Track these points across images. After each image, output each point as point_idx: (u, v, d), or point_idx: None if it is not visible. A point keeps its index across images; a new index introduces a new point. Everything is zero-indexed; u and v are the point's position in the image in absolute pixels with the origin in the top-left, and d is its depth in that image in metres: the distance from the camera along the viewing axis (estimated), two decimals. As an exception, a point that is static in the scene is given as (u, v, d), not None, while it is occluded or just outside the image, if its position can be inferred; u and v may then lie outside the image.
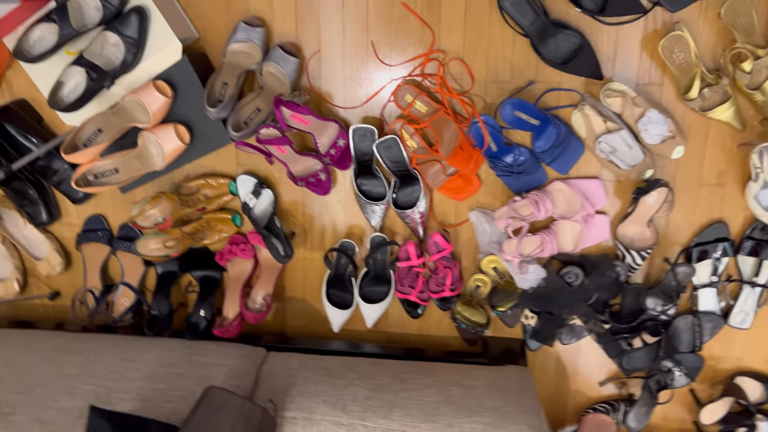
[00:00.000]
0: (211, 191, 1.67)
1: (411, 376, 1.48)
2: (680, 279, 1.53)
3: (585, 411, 1.73)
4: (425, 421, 1.34)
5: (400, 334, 1.78)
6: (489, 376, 1.49)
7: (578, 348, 1.71)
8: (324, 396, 1.41)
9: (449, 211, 1.64)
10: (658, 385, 1.64)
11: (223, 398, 1.24)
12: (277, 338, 1.82)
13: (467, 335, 1.71)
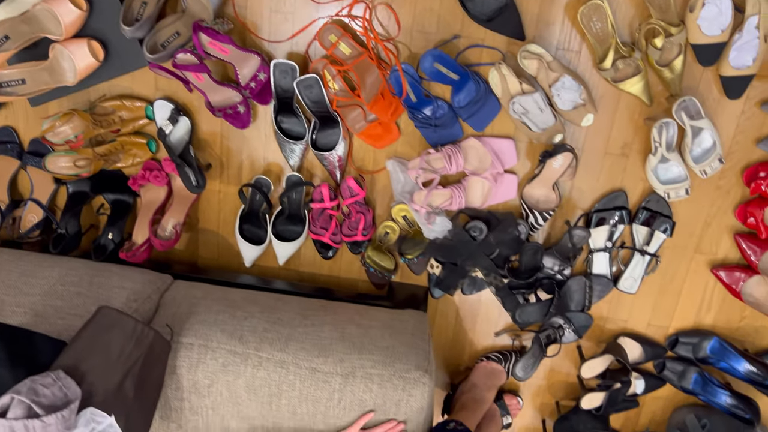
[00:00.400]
0: (127, 114, 1.64)
1: (312, 313, 1.52)
2: (576, 241, 1.61)
3: (479, 359, 1.83)
4: (318, 355, 1.39)
5: (311, 273, 1.81)
6: (386, 318, 1.54)
7: (478, 299, 1.79)
8: (223, 325, 1.43)
9: (367, 158, 1.66)
10: (548, 339, 1.74)
11: (115, 318, 1.25)
12: (189, 268, 1.83)
13: (375, 279, 1.76)
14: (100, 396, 1.19)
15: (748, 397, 1.70)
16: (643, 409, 1.86)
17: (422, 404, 1.38)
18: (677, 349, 1.74)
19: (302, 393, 1.36)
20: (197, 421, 1.42)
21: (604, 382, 1.72)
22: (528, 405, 1.90)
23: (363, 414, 1.37)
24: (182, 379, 1.38)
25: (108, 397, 1.20)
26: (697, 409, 1.79)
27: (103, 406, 1.18)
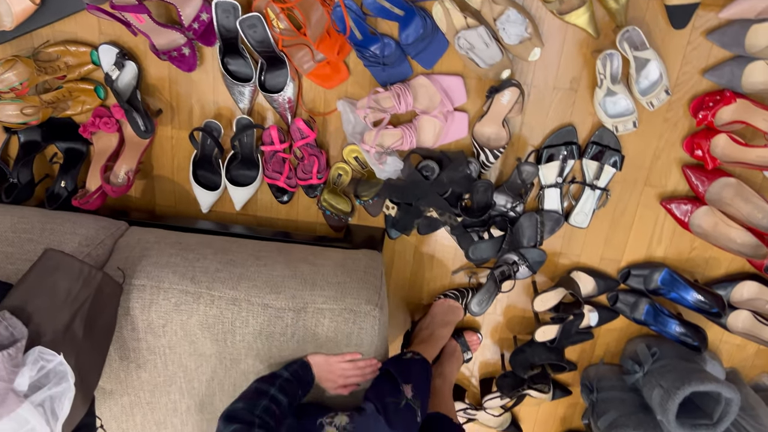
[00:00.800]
0: (73, 59, 1.61)
1: (265, 254, 1.54)
2: (525, 177, 1.63)
3: (437, 296, 1.86)
4: (269, 292, 1.41)
5: (268, 218, 1.82)
6: (340, 257, 1.56)
7: (434, 238, 1.81)
8: (175, 267, 1.45)
9: (318, 99, 1.65)
10: (503, 275, 1.77)
11: (60, 260, 1.26)
12: (147, 216, 1.84)
13: (332, 222, 1.78)
14: (48, 336, 1.21)
15: (697, 325, 1.75)
16: (597, 340, 1.91)
17: (373, 337, 1.41)
18: (629, 281, 1.79)
19: (255, 329, 1.39)
20: (155, 361, 1.46)
21: (557, 315, 1.77)
22: (487, 340, 1.95)
23: (351, 353, 1.41)
24: (137, 320, 1.41)
25: (56, 336, 1.22)
26: (649, 339, 1.85)
27: (52, 346, 1.20)
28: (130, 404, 1.53)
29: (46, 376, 1.19)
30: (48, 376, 1.19)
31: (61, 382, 1.19)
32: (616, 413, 1.73)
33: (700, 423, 1.63)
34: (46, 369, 1.19)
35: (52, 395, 1.18)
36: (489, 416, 1.99)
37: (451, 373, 1.82)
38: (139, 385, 1.49)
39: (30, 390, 1.16)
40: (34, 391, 1.16)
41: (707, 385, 1.57)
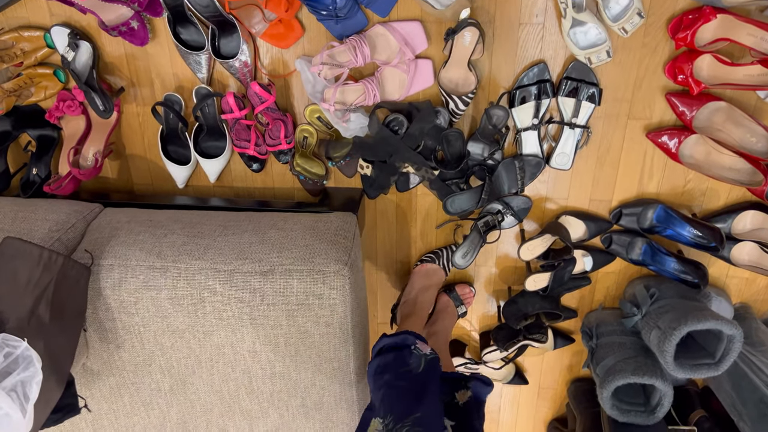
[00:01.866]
0: (28, 45, 1.60)
1: (234, 224, 1.52)
2: (495, 122, 1.55)
3: (414, 265, 1.83)
4: (236, 258, 1.40)
5: (245, 188, 1.80)
6: (311, 221, 1.53)
7: (414, 195, 1.76)
8: (141, 244, 1.44)
9: (277, 61, 1.60)
10: (487, 226, 1.71)
11: (19, 247, 1.26)
12: (127, 196, 1.83)
13: (308, 187, 1.74)
14: (12, 322, 1.22)
15: (696, 261, 1.66)
16: (596, 285, 1.84)
17: (344, 296, 1.39)
18: (622, 221, 1.71)
19: (224, 296, 1.38)
20: (132, 340, 1.46)
21: (546, 263, 1.71)
22: (482, 293, 1.90)
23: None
24: (109, 300, 1.41)
25: (21, 323, 1.22)
26: (649, 280, 1.77)
27: (17, 332, 1.20)
28: (117, 385, 1.54)
29: (15, 362, 1.20)
30: (17, 361, 1.20)
31: (29, 367, 1.20)
32: (614, 358, 1.67)
33: (701, 363, 1.56)
34: (14, 355, 1.20)
35: (22, 380, 1.19)
36: (491, 369, 1.95)
37: (446, 329, 1.78)
38: (121, 366, 1.51)
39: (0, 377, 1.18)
40: (4, 377, 1.18)
41: (705, 323, 1.49)
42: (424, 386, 1.23)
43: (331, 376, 1.50)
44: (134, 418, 1.60)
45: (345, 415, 1.57)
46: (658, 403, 1.64)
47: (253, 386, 1.52)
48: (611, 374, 1.62)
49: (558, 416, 2.11)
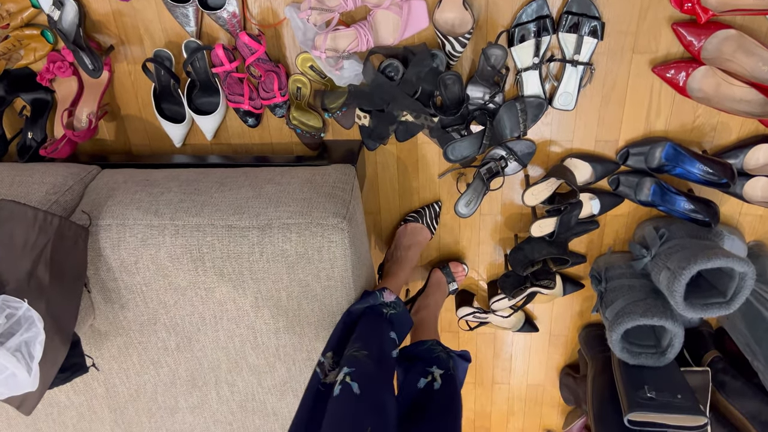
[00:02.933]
0: (13, 6, 1.56)
1: (231, 180, 1.50)
2: (494, 63, 1.49)
3: (398, 224, 1.81)
4: (233, 213, 1.38)
5: (243, 144, 1.77)
6: (308, 174, 1.50)
7: (415, 144, 1.72)
8: (139, 203, 1.43)
9: (266, 10, 1.55)
10: (490, 173, 1.67)
11: (13, 209, 1.26)
12: (125, 157, 1.82)
13: (306, 140, 1.71)
14: (12, 284, 1.22)
15: (707, 199, 1.62)
16: (605, 229, 1.80)
17: (344, 250, 1.37)
18: (630, 161, 1.65)
19: (223, 252, 1.37)
20: (135, 300, 1.46)
21: (552, 207, 1.67)
22: (488, 242, 1.87)
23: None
24: (109, 260, 1.41)
25: (20, 285, 1.23)
26: (658, 221, 1.73)
27: (17, 293, 1.21)
28: (124, 344, 1.55)
29: (18, 323, 1.20)
30: (19, 322, 1.21)
31: (31, 327, 1.21)
32: (624, 301, 1.64)
33: (712, 302, 1.53)
34: (16, 316, 1.20)
35: (26, 340, 1.20)
36: (500, 318, 1.94)
37: (436, 304, 1.79)
38: (127, 325, 1.51)
39: (3, 337, 1.18)
40: (8, 338, 1.19)
41: (715, 261, 1.45)
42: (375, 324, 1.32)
43: (336, 329, 1.49)
44: (144, 376, 1.61)
45: (352, 366, 1.56)
46: (668, 345, 1.61)
47: (259, 341, 1.52)
48: (620, 317, 1.60)
49: (570, 362, 2.10)
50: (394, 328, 1.37)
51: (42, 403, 1.68)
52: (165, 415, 1.70)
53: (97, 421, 1.72)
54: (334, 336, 1.33)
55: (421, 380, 1.30)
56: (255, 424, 1.70)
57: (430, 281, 1.83)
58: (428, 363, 1.36)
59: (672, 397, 1.57)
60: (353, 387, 1.11)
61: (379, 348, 1.27)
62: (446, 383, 1.30)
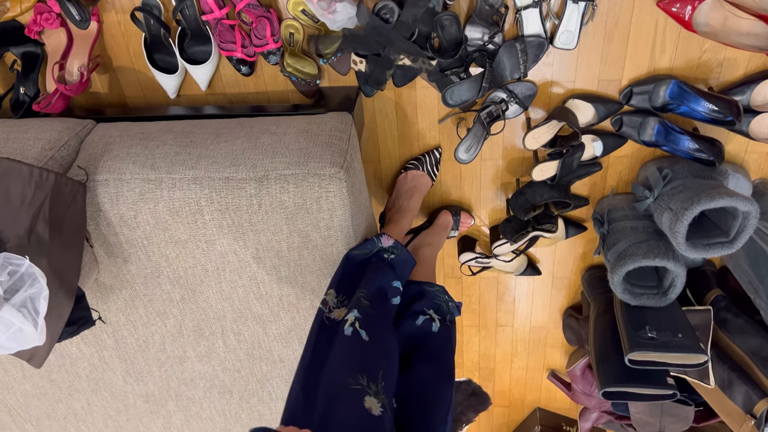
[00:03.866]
0: (-6, -44, 1.52)
1: (227, 131, 1.48)
2: (492, 1, 1.44)
3: (399, 172, 1.79)
4: (229, 165, 1.37)
5: (238, 94, 1.74)
6: (304, 123, 1.48)
7: (413, 88, 1.68)
8: (135, 157, 1.42)
9: (256, -48, 1.50)
10: (490, 116, 1.64)
11: (8, 167, 1.25)
12: (121, 110, 1.80)
13: (302, 88, 1.68)
14: (13, 242, 1.23)
15: (712, 138, 1.59)
16: (607, 171, 1.78)
17: (342, 199, 1.36)
18: (633, 101, 1.62)
19: (221, 205, 1.37)
20: (138, 253, 1.47)
21: (553, 150, 1.64)
22: (489, 187, 1.86)
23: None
24: (109, 215, 1.41)
25: (21, 242, 1.23)
26: (662, 161, 1.70)
27: (18, 251, 1.22)
28: (130, 297, 1.57)
29: (21, 280, 1.22)
30: (22, 279, 1.22)
31: (34, 283, 1.22)
32: (626, 243, 1.63)
33: (714, 242, 1.52)
34: (19, 273, 1.21)
35: (30, 296, 1.21)
36: (502, 262, 1.94)
37: (438, 244, 1.80)
38: (131, 279, 1.53)
39: (8, 294, 1.20)
40: (12, 294, 1.20)
41: (718, 200, 1.43)
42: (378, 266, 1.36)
43: (337, 278, 1.50)
44: (152, 328, 1.64)
45: (355, 313, 1.58)
46: (670, 285, 1.62)
47: (262, 291, 1.53)
48: (622, 259, 1.59)
49: (573, 304, 2.12)
50: (396, 273, 1.38)
51: (54, 355, 1.73)
52: (174, 364, 1.73)
53: (109, 371, 1.76)
54: (336, 277, 1.37)
55: (420, 318, 1.34)
56: (262, 370, 1.73)
57: (438, 222, 1.82)
58: (429, 306, 1.38)
59: (673, 336, 1.58)
60: (362, 334, 1.16)
61: (382, 296, 1.30)
62: (444, 328, 1.33)
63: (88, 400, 1.86)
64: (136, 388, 1.81)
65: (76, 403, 1.87)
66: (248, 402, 1.82)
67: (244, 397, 1.81)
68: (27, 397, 1.87)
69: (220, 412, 1.86)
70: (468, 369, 2.33)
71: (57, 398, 1.86)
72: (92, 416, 1.91)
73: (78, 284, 1.38)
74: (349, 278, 1.35)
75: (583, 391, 2.17)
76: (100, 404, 1.87)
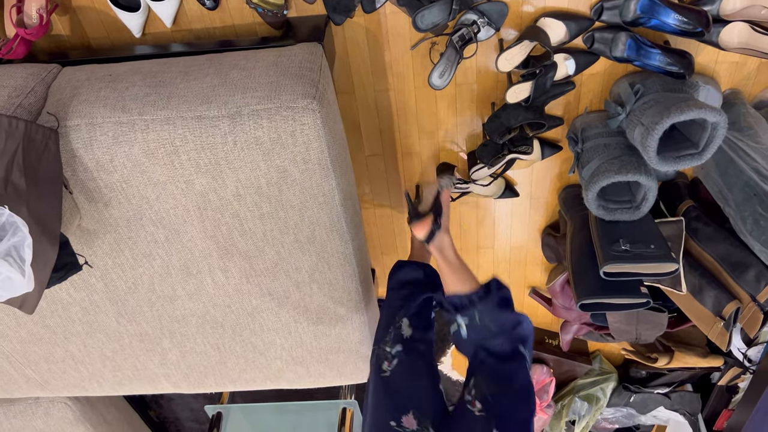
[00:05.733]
0: None
1: (195, 69, 1.46)
2: None
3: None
4: (201, 103, 1.36)
5: (204, 29, 1.70)
6: (273, 56, 1.46)
7: (383, 14, 1.66)
8: (105, 100, 1.40)
9: None
10: (462, 39, 1.63)
11: (-25, 116, 1.24)
12: (86, 53, 1.75)
13: (269, 19, 1.64)
14: (-11, 192, 1.23)
15: (682, 50, 1.59)
16: (581, 89, 1.79)
17: (317, 131, 1.36)
18: (604, 16, 1.60)
19: (196, 144, 1.37)
20: (118, 197, 1.48)
21: (526, 71, 1.64)
22: (465, 112, 1.86)
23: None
24: (84, 160, 1.41)
25: (-3, 192, 1.24)
26: (634, 76, 1.71)
27: (-5, 201, 1.22)
28: (115, 241, 1.59)
29: (2, 229, 1.22)
30: (4, 228, 1.22)
31: (16, 232, 1.23)
32: (599, 160, 1.66)
33: (684, 154, 1.56)
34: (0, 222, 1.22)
35: (14, 245, 1.23)
36: (480, 186, 1.97)
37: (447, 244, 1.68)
38: (114, 222, 1.54)
39: (-9, 244, 1.21)
40: (-4, 244, 1.21)
41: (688, 113, 1.46)
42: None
43: (318, 211, 1.53)
44: (139, 269, 1.67)
45: (338, 244, 1.62)
46: (642, 199, 1.66)
47: (245, 228, 1.56)
48: (596, 176, 1.63)
49: (551, 223, 2.17)
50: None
51: (45, 301, 1.76)
52: (165, 303, 1.78)
53: (101, 314, 1.80)
54: (380, 325, 1.56)
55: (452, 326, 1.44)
56: (252, 304, 1.78)
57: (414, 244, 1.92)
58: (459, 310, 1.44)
59: (645, 248, 1.64)
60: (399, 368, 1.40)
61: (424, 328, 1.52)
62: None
63: (84, 343, 1.91)
64: (130, 329, 1.85)
65: (73, 346, 1.92)
66: (240, 335, 1.88)
67: (237, 330, 1.86)
68: (23, 344, 1.92)
69: (214, 346, 1.92)
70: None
71: (53, 342, 1.90)
72: (90, 357, 1.96)
73: (61, 231, 1.39)
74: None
75: (563, 305, 2.26)
76: (96, 346, 1.92)
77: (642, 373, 2.62)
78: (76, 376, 2.05)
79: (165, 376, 2.05)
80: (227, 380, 2.07)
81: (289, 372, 2.03)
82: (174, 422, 3.29)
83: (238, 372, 2.03)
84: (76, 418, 2.55)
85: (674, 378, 2.55)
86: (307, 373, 2.03)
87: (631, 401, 2.63)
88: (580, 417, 2.60)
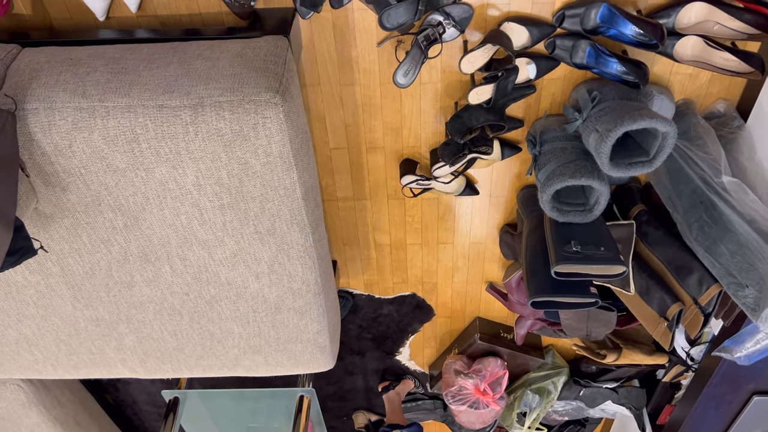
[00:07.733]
0: None
1: (159, 57, 1.45)
2: None
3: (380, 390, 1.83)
4: (163, 92, 1.36)
5: (171, 15, 1.69)
6: (238, 47, 1.47)
7: (351, 10, 1.67)
8: (65, 85, 1.39)
9: None
10: (428, 40, 1.65)
11: (-71, 96, 1.22)
12: (48, 34, 1.72)
13: (236, 9, 1.64)
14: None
15: (638, 61, 1.65)
16: (541, 93, 1.84)
17: (280, 125, 1.38)
18: (565, 24, 1.65)
19: (157, 133, 1.37)
20: (76, 182, 1.47)
21: (489, 74, 1.68)
22: (429, 110, 1.89)
23: None
24: (42, 144, 1.40)
25: (-48, 173, 1.22)
26: (591, 83, 1.77)
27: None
28: (72, 226, 1.58)
29: (-44, 213, 1.22)
30: (-43, 212, 1.22)
31: (-30, 216, 1.23)
32: (555, 163, 1.71)
33: (636, 161, 1.61)
34: (-47, 205, 1.21)
35: (-33, 228, 1.22)
36: (441, 184, 2.01)
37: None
38: (72, 207, 1.53)
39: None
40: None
41: (640, 122, 1.51)
42: None
43: (279, 203, 1.54)
44: (97, 255, 1.66)
45: (298, 236, 1.64)
46: (595, 203, 1.72)
47: (205, 218, 1.57)
48: (551, 179, 1.68)
49: (509, 221, 2.22)
50: None
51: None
52: (122, 290, 1.77)
53: (57, 298, 1.79)
54: None
55: None
56: (210, 293, 1.79)
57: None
58: None
59: (595, 250, 1.70)
60: None
61: None
62: None
63: (38, 326, 1.89)
64: (86, 313, 1.85)
65: (26, 329, 1.90)
66: (198, 322, 1.89)
67: (194, 318, 1.87)
68: (-25, 326, 1.90)
69: (171, 332, 1.93)
70: (412, 284, 2.44)
71: (6, 325, 1.88)
72: (44, 341, 1.95)
73: (16, 214, 1.38)
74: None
75: (518, 301, 2.32)
76: (50, 329, 1.90)
77: (592, 369, 2.71)
78: (30, 359, 2.03)
79: (121, 361, 2.05)
80: (184, 366, 2.08)
81: (246, 360, 2.04)
82: (131, 405, 3.27)
83: (195, 359, 2.04)
84: (30, 400, 2.53)
85: (622, 374, 2.65)
86: (265, 362, 2.05)
87: (580, 395, 2.72)
88: (531, 409, 2.68)
